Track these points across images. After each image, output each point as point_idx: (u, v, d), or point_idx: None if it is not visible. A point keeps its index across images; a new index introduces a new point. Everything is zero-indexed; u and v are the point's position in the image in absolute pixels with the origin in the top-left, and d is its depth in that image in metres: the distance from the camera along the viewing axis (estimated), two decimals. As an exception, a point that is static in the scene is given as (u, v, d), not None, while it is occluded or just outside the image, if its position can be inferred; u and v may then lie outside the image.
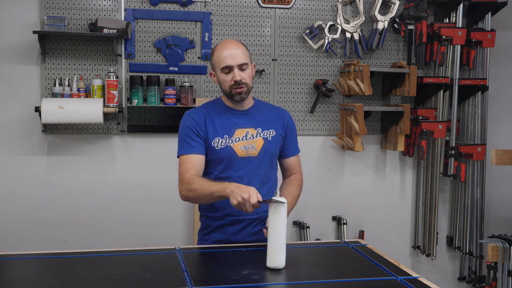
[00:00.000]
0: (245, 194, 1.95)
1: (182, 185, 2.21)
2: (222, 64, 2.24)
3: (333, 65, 3.73)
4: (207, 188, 2.11)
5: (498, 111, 3.99)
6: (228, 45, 2.28)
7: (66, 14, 3.35)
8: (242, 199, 1.95)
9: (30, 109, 3.35)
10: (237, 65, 2.23)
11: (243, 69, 2.24)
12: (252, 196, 1.94)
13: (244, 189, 1.98)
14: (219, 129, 2.28)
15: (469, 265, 3.96)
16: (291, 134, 2.43)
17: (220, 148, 2.27)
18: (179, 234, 3.60)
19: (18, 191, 3.42)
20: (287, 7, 3.64)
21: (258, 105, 2.40)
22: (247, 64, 2.26)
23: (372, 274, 1.90)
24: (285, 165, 2.46)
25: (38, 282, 1.81)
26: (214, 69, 2.31)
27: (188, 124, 2.28)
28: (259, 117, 2.36)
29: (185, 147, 2.26)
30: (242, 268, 1.92)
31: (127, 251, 2.16)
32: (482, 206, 3.90)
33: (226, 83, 2.26)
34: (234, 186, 2.02)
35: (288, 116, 2.45)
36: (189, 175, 2.20)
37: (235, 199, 1.97)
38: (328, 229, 3.83)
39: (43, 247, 3.29)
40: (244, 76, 2.24)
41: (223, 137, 2.28)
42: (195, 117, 2.30)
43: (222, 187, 2.06)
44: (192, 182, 2.16)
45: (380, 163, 3.88)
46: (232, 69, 2.23)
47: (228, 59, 2.23)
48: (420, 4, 3.70)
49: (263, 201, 1.96)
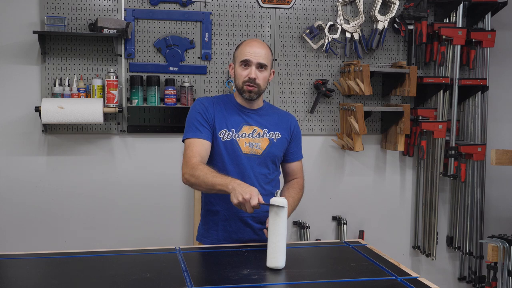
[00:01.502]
0: (246, 194, 1.94)
1: (186, 168, 2.20)
2: (242, 57, 2.26)
3: (333, 65, 3.73)
4: (210, 178, 2.10)
5: (498, 111, 3.99)
6: (254, 43, 2.30)
7: (66, 14, 3.35)
8: (243, 199, 1.94)
9: (30, 109, 3.35)
10: (256, 63, 2.25)
11: (261, 69, 2.27)
12: (253, 198, 1.94)
13: (246, 188, 1.98)
14: (227, 121, 2.30)
15: (469, 265, 3.96)
16: (296, 139, 2.45)
17: (225, 140, 2.28)
18: (179, 234, 3.60)
19: (18, 191, 3.42)
20: (287, 7, 3.64)
21: (267, 107, 2.43)
22: (267, 66, 2.28)
23: (372, 274, 1.90)
24: (288, 169, 2.48)
25: (38, 282, 1.81)
26: (234, 61, 2.34)
27: (198, 109, 2.30)
28: (267, 118, 2.38)
29: (193, 131, 2.26)
30: (242, 268, 1.92)
31: (127, 251, 2.16)
32: (482, 206, 3.90)
33: (241, 78, 2.27)
34: (237, 184, 2.01)
35: (295, 122, 2.47)
36: (195, 160, 2.19)
37: (235, 198, 1.97)
38: (328, 229, 3.83)
39: (43, 247, 3.30)
40: (259, 76, 2.27)
41: (230, 130, 2.29)
42: (206, 104, 2.31)
43: (225, 182, 2.05)
44: (197, 168, 2.16)
45: (380, 163, 3.88)
46: (250, 65, 2.26)
47: (249, 55, 2.25)
48: (420, 4, 3.70)
49: (264, 203, 1.96)
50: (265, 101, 2.46)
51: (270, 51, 2.33)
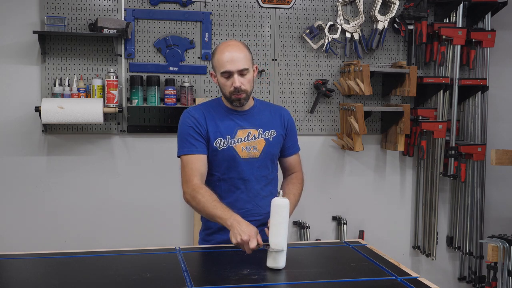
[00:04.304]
0: (245, 236, 1.93)
1: (187, 188, 2.18)
2: (222, 69, 2.19)
3: (333, 65, 3.73)
4: (211, 208, 2.09)
5: (498, 111, 3.99)
6: (229, 47, 2.21)
7: (66, 14, 3.35)
8: (242, 240, 1.94)
9: (30, 109, 3.35)
10: (237, 71, 2.18)
11: (243, 74, 2.19)
12: (252, 241, 1.92)
13: (245, 228, 1.96)
14: (221, 129, 2.25)
15: (469, 265, 3.96)
16: (291, 133, 2.41)
17: (222, 149, 2.25)
18: (179, 234, 3.60)
19: (18, 191, 3.42)
20: (287, 7, 3.64)
21: (258, 105, 2.37)
22: (248, 69, 2.20)
23: (372, 274, 1.90)
24: (285, 164, 2.45)
25: (38, 282, 1.81)
26: (214, 70, 2.27)
27: (189, 123, 2.24)
28: (260, 117, 2.33)
29: (187, 147, 2.23)
30: (242, 268, 1.92)
31: (127, 251, 2.16)
32: (482, 206, 3.90)
33: (226, 88, 2.22)
34: (236, 222, 1.99)
35: (288, 114, 2.42)
36: (196, 181, 2.17)
37: (234, 238, 1.96)
38: (328, 229, 3.83)
39: (43, 247, 3.30)
40: (243, 82, 2.20)
41: (225, 137, 2.25)
42: (196, 116, 2.26)
43: (224, 216, 2.04)
44: (198, 191, 2.14)
45: (380, 163, 3.88)
46: (232, 75, 2.18)
47: (228, 64, 2.17)
48: (420, 4, 3.70)
49: (262, 245, 1.93)
50: (255, 98, 2.40)
51: (247, 50, 2.25)
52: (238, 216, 2.03)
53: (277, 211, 1.91)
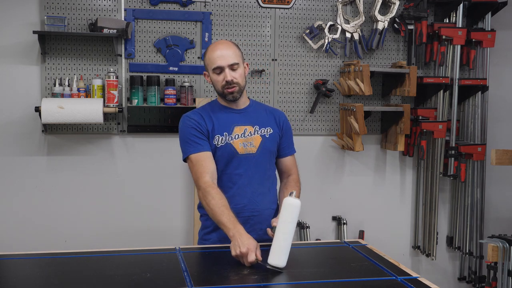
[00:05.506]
0: (244, 248, 1.94)
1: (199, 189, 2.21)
2: (213, 65, 2.28)
3: (333, 65, 3.73)
4: (218, 214, 2.11)
5: (498, 111, 3.99)
6: (218, 45, 2.31)
7: (66, 14, 3.35)
8: (241, 253, 1.94)
9: (30, 109, 3.35)
10: (228, 65, 2.26)
11: (234, 69, 2.28)
12: (251, 254, 1.93)
13: (246, 241, 1.97)
14: (218, 126, 2.31)
15: (469, 265, 3.96)
16: (286, 134, 2.46)
17: (220, 145, 2.29)
18: (179, 234, 3.60)
19: (18, 191, 3.42)
20: (287, 7, 3.64)
21: (254, 105, 2.44)
22: (238, 63, 2.29)
23: (372, 274, 1.90)
24: (281, 165, 2.48)
25: (38, 282, 1.81)
26: (207, 69, 2.35)
27: (190, 124, 2.30)
28: (256, 115, 2.39)
29: (193, 146, 2.27)
30: (242, 268, 1.92)
31: (127, 251, 2.16)
32: (482, 206, 3.90)
33: (218, 83, 2.29)
34: (238, 234, 2.00)
35: (284, 116, 2.48)
36: (207, 178, 2.20)
37: (233, 250, 1.98)
38: (328, 229, 3.83)
39: (43, 247, 3.30)
40: (235, 76, 2.28)
41: (223, 134, 2.30)
42: (195, 117, 2.32)
43: (228, 226, 2.06)
44: (209, 192, 2.16)
45: (380, 163, 3.88)
46: (223, 70, 2.27)
47: (218, 60, 2.26)
48: (420, 4, 3.70)
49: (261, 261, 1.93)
50: (252, 99, 2.46)
51: (237, 47, 2.34)
52: (242, 228, 2.05)
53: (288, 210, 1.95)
